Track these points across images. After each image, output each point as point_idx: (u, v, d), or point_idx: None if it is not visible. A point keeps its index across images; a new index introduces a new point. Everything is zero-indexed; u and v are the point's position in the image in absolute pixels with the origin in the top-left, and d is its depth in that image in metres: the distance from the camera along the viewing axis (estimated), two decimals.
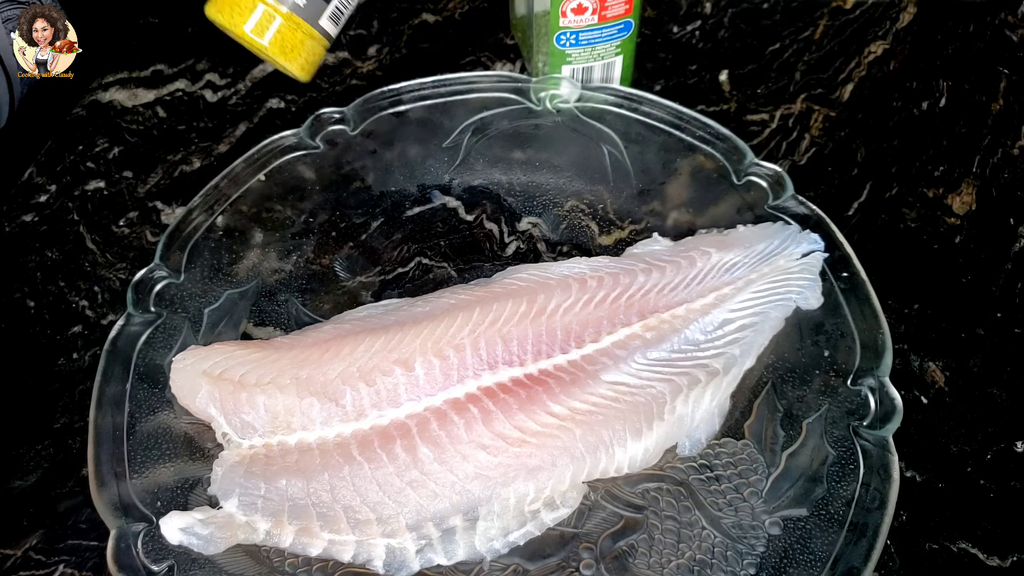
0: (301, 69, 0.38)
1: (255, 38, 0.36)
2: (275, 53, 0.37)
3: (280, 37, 0.37)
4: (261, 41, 0.36)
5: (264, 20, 0.36)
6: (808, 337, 0.39)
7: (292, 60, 0.38)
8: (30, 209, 0.47)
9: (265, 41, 0.36)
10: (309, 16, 0.37)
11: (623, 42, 0.46)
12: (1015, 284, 0.43)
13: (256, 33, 0.36)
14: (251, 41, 0.36)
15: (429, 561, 0.33)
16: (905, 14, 0.55)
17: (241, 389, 0.35)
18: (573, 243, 0.43)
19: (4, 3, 0.44)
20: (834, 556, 0.32)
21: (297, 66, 0.38)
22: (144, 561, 0.32)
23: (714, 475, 0.35)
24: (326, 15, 0.37)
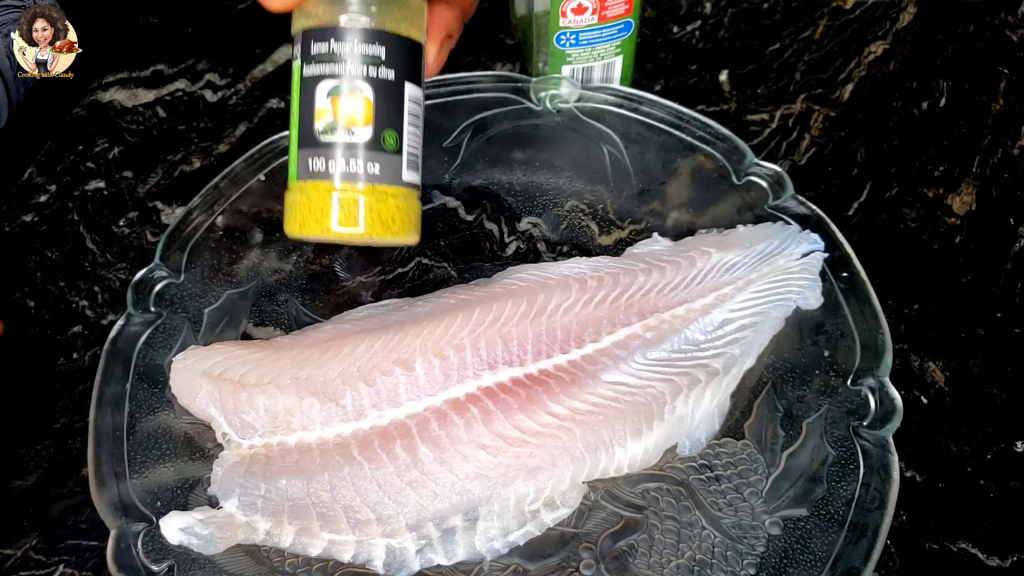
0: (410, 235, 0.32)
1: (348, 231, 0.30)
2: (377, 235, 0.30)
3: (373, 216, 0.30)
4: (356, 231, 0.30)
5: (347, 208, 0.30)
6: (808, 337, 0.39)
7: (398, 232, 0.31)
8: (30, 209, 0.47)
9: (361, 228, 0.30)
10: (390, 178, 0.30)
11: (623, 42, 0.46)
12: (1015, 284, 0.43)
13: (347, 225, 0.30)
14: (348, 236, 0.30)
15: (429, 561, 0.33)
16: (905, 14, 0.55)
17: (241, 389, 0.35)
18: (573, 243, 0.43)
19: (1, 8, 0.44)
20: (834, 556, 0.32)
21: (406, 234, 0.31)
22: (144, 561, 0.32)
23: (714, 475, 0.35)
24: (404, 167, 0.31)
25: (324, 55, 0.30)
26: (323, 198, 0.30)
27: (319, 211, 0.30)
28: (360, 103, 0.30)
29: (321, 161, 0.30)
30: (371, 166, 0.30)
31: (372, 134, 0.30)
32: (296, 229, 0.31)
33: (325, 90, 0.30)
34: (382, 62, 0.30)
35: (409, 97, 0.31)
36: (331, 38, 0.30)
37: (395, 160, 0.30)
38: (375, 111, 0.30)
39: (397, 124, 0.30)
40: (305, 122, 0.30)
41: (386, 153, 0.30)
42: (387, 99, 0.30)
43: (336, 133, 0.30)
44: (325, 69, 0.30)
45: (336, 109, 0.30)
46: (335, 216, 0.30)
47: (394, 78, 0.30)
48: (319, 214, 0.30)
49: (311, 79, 0.30)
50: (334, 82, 0.30)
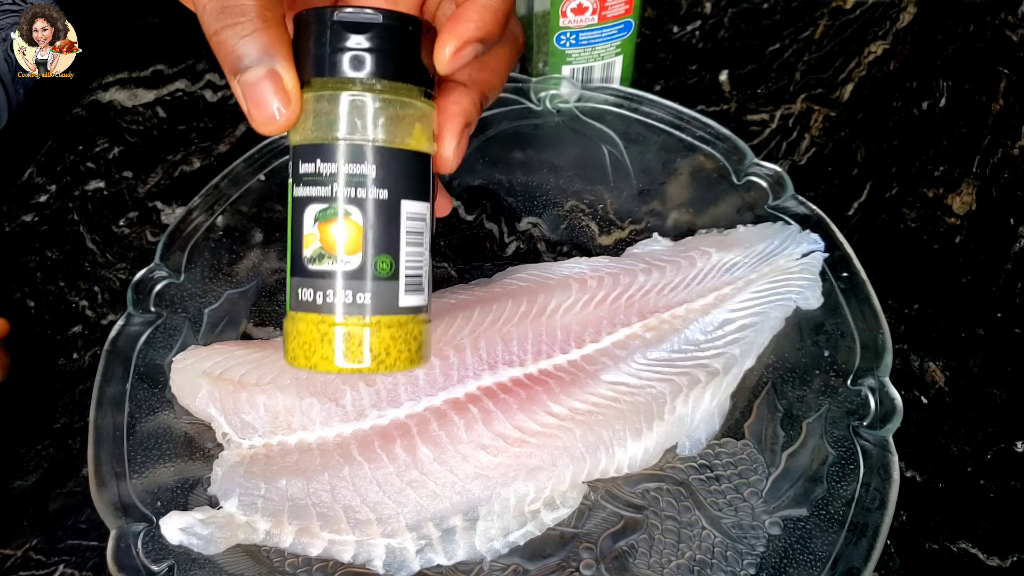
0: (411, 364, 0.28)
1: (353, 366, 0.27)
2: (369, 370, 0.28)
3: (379, 350, 0.27)
4: (361, 366, 0.27)
5: (352, 342, 0.27)
6: (808, 337, 0.39)
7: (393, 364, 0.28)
8: (30, 209, 0.47)
9: (366, 363, 0.27)
10: (384, 307, 0.27)
11: (623, 42, 0.46)
12: (1015, 284, 0.43)
13: (352, 360, 0.27)
14: (353, 371, 0.28)
15: (429, 561, 0.33)
16: (905, 14, 0.55)
17: (241, 389, 0.35)
18: (573, 243, 0.43)
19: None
20: (834, 556, 0.32)
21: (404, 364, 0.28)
22: (144, 561, 0.32)
23: (714, 475, 0.35)
24: (402, 292, 0.28)
25: (311, 175, 0.27)
26: (311, 331, 0.27)
27: (308, 345, 0.27)
28: (347, 229, 0.26)
29: (309, 292, 0.27)
30: (360, 296, 0.27)
31: (360, 262, 0.27)
32: (289, 360, 0.28)
33: (312, 214, 0.27)
34: (373, 181, 0.26)
35: (408, 215, 0.27)
36: (317, 157, 0.26)
37: (390, 287, 0.27)
38: (364, 237, 0.26)
39: (392, 248, 0.27)
40: (296, 248, 0.27)
41: (379, 280, 0.27)
42: (380, 221, 0.27)
43: (324, 261, 0.27)
44: (312, 191, 0.27)
45: (324, 235, 0.27)
46: (339, 352, 0.27)
47: (387, 197, 0.27)
48: (307, 348, 0.27)
49: (301, 201, 0.27)
50: (321, 206, 0.26)
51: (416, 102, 0.27)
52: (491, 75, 0.30)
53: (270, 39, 0.25)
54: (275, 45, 0.25)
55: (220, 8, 0.25)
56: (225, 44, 0.25)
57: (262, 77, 0.25)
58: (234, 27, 0.25)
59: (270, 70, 0.25)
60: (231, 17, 0.25)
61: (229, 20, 0.25)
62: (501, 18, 0.27)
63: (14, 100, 0.46)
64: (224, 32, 0.25)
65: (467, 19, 0.27)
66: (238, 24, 0.25)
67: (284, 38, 0.26)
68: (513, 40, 0.31)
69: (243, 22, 0.25)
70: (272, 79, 0.25)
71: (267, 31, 0.25)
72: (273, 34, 0.25)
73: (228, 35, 0.25)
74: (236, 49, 0.25)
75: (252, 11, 0.25)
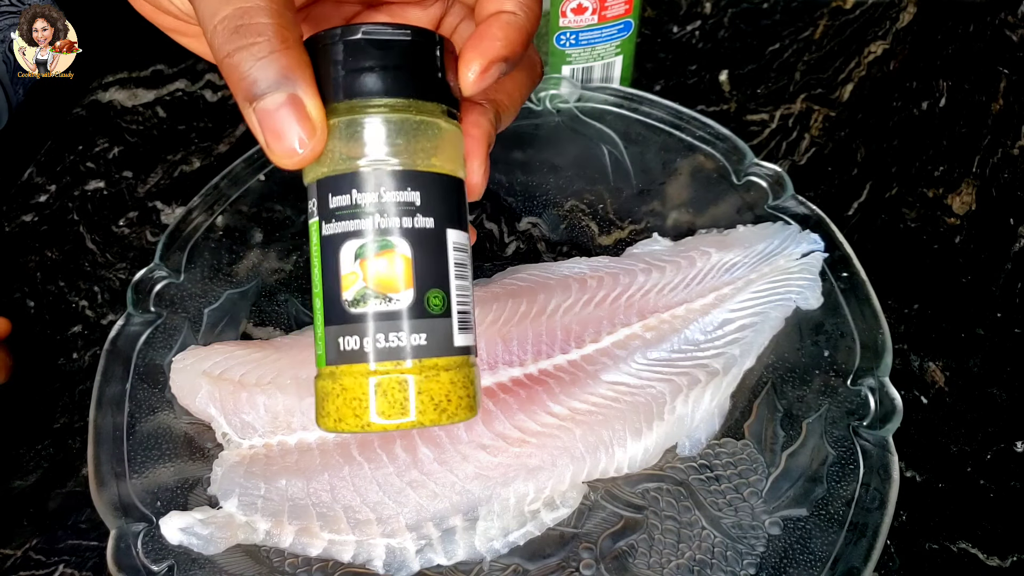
0: (469, 412, 0.25)
1: (395, 422, 0.24)
2: (431, 420, 0.24)
3: (424, 399, 0.24)
4: (405, 419, 0.24)
5: (391, 394, 0.24)
6: (808, 337, 0.39)
7: (455, 413, 0.24)
8: (30, 209, 0.47)
9: (411, 416, 0.24)
10: (440, 347, 0.24)
11: (623, 42, 0.46)
12: (1015, 284, 0.43)
13: (392, 416, 0.24)
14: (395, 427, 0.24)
15: (429, 561, 0.33)
16: (905, 14, 0.55)
17: (241, 389, 0.35)
18: (573, 243, 0.43)
19: None
20: (834, 556, 0.32)
21: (464, 413, 0.25)
22: (144, 561, 0.32)
23: (714, 475, 0.35)
24: (456, 331, 0.25)
25: (346, 209, 0.24)
26: (360, 384, 0.24)
27: (357, 401, 0.24)
28: (396, 263, 0.24)
29: (354, 339, 0.24)
30: (416, 337, 0.24)
31: (414, 297, 0.24)
32: (331, 424, 0.24)
33: (352, 251, 0.24)
34: (418, 209, 0.24)
35: (454, 245, 0.25)
36: (352, 188, 0.24)
37: (444, 324, 0.24)
38: (415, 270, 0.24)
39: (442, 281, 0.24)
40: (331, 292, 0.24)
41: (433, 318, 0.24)
42: (428, 252, 0.24)
43: (369, 302, 0.24)
44: (349, 226, 0.24)
45: (367, 273, 0.24)
46: (374, 407, 0.24)
47: (434, 225, 0.24)
48: (357, 405, 0.24)
49: (333, 239, 0.24)
50: (361, 241, 0.24)
51: (451, 124, 0.25)
52: (507, 98, 0.28)
53: (289, 61, 0.22)
54: (295, 68, 0.23)
55: (233, 28, 0.22)
56: (239, 68, 0.22)
57: (281, 104, 0.22)
58: (249, 48, 0.22)
59: (290, 95, 0.22)
60: (245, 37, 0.22)
61: (243, 41, 0.22)
62: (526, 36, 0.25)
63: (14, 101, 0.46)
64: (238, 54, 0.22)
65: (492, 36, 0.25)
66: (253, 45, 0.22)
67: (304, 60, 0.23)
68: (531, 66, 0.29)
69: (259, 43, 0.22)
70: (293, 105, 0.22)
71: (286, 52, 0.22)
72: (293, 56, 0.23)
73: (242, 57, 0.22)
74: (251, 73, 0.22)
75: (269, 30, 0.22)
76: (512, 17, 0.25)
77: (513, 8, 0.25)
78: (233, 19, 0.22)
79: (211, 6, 0.23)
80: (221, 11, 0.22)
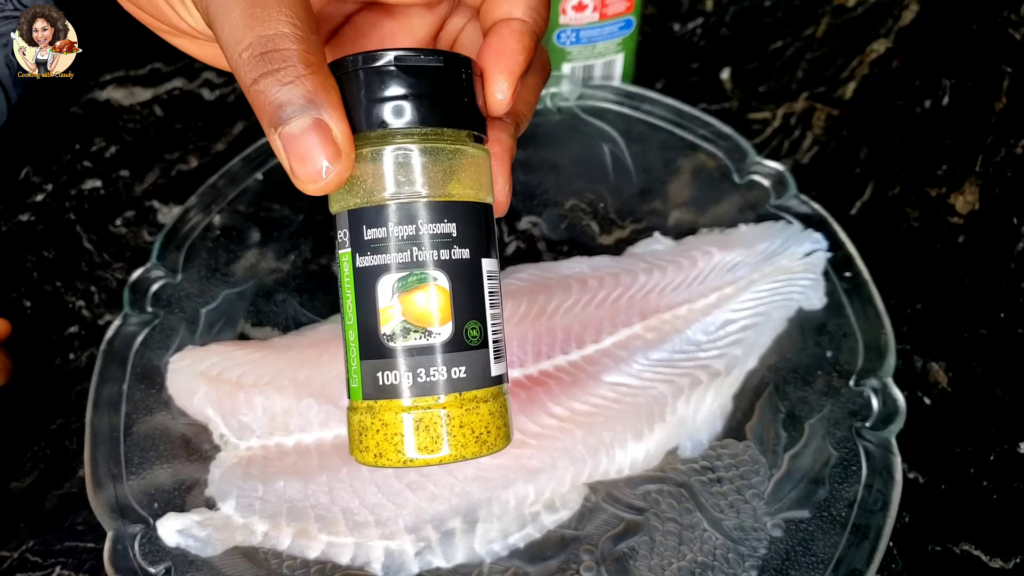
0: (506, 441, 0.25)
1: (437, 456, 0.24)
2: (472, 454, 0.24)
3: (465, 432, 0.24)
4: (443, 454, 0.24)
5: (431, 429, 0.23)
6: (810, 337, 0.38)
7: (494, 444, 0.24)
8: (27, 208, 0.47)
9: (447, 450, 0.24)
10: (478, 380, 0.24)
11: (624, 40, 0.46)
12: (1018, 284, 0.42)
13: (434, 451, 0.23)
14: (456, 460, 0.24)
15: (428, 564, 0.33)
16: (908, 12, 0.54)
17: (239, 390, 0.35)
18: (573, 242, 0.43)
19: None
20: (836, 558, 0.32)
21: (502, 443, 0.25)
22: (141, 563, 0.32)
23: (716, 477, 0.35)
24: (492, 361, 0.25)
25: (382, 242, 0.23)
26: (400, 420, 0.24)
27: (397, 436, 0.24)
28: (434, 296, 0.23)
29: (393, 374, 0.23)
30: (456, 371, 0.24)
31: (453, 331, 0.23)
32: (370, 459, 0.24)
33: (389, 285, 0.23)
34: (454, 240, 0.23)
35: (487, 274, 0.24)
36: (388, 220, 0.23)
37: (482, 356, 0.24)
38: (453, 302, 0.23)
39: (479, 312, 0.24)
40: (367, 326, 0.24)
41: (471, 350, 0.24)
42: (465, 284, 0.24)
43: (411, 336, 0.23)
44: (386, 259, 0.23)
45: (408, 306, 0.23)
46: (410, 442, 0.23)
47: (470, 256, 0.24)
48: (398, 440, 0.24)
49: (368, 272, 0.24)
50: (398, 274, 0.23)
51: (479, 149, 0.25)
52: (524, 106, 0.27)
53: (315, 85, 0.22)
54: (321, 92, 0.22)
55: (259, 55, 0.22)
56: (264, 94, 0.22)
57: (307, 128, 0.22)
58: (275, 74, 0.22)
59: (315, 120, 0.22)
60: (271, 63, 0.22)
61: (269, 67, 0.22)
62: (538, 42, 0.25)
63: (13, 98, 0.46)
64: (263, 80, 0.22)
65: (510, 51, 0.24)
66: (279, 71, 0.22)
67: (331, 84, 0.23)
68: (542, 67, 0.28)
69: (285, 68, 0.22)
70: (318, 130, 0.22)
71: (312, 77, 0.22)
72: (318, 80, 0.22)
73: (268, 83, 0.22)
74: (277, 98, 0.22)
75: (295, 56, 0.22)
76: (523, 25, 0.25)
77: (523, 15, 0.25)
78: (257, 46, 0.22)
79: (235, 33, 0.22)
80: (245, 39, 0.22)
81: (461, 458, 0.24)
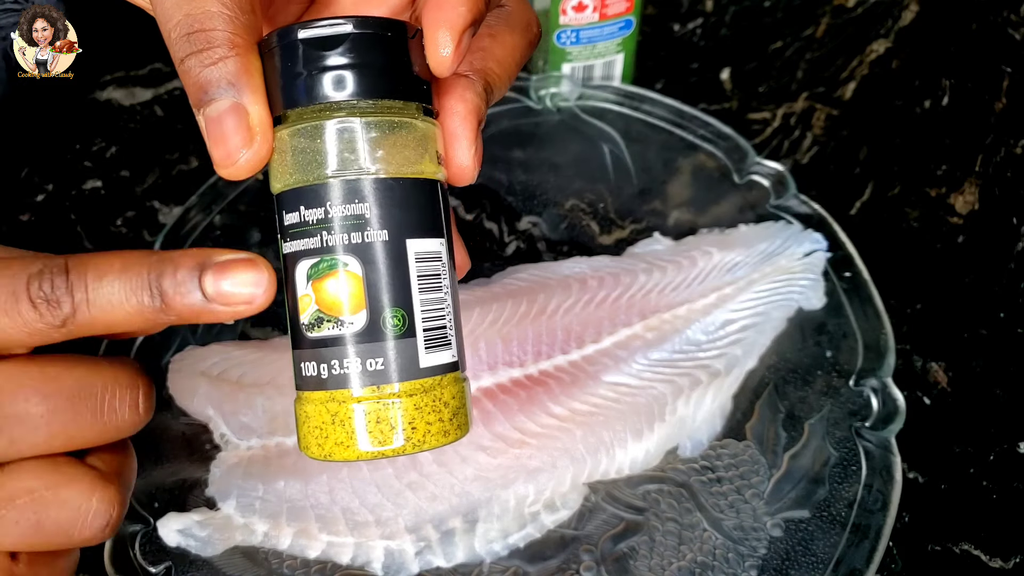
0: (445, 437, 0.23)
1: (375, 449, 0.22)
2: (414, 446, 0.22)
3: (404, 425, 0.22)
4: (384, 448, 0.22)
5: (341, 424, 0.22)
6: (810, 337, 0.38)
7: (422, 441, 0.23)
8: (27, 208, 0.47)
9: (392, 444, 0.22)
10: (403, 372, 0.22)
11: (624, 40, 0.46)
12: (1018, 284, 0.42)
13: (373, 443, 0.22)
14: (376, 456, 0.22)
15: (428, 563, 0.33)
16: (907, 12, 0.54)
17: (239, 390, 0.35)
18: (573, 243, 0.43)
19: None
20: (836, 558, 0.32)
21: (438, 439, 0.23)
22: (141, 562, 0.32)
23: (716, 476, 0.35)
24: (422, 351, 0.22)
25: (297, 226, 0.22)
26: (320, 413, 0.22)
27: (319, 430, 0.22)
28: (345, 283, 0.22)
29: (312, 365, 0.23)
30: (372, 363, 0.22)
31: (367, 321, 0.22)
32: (303, 448, 0.23)
33: (304, 272, 0.22)
34: (367, 222, 0.22)
35: (417, 257, 0.22)
36: (301, 204, 0.22)
37: (407, 346, 0.22)
38: (367, 289, 0.22)
39: (403, 299, 0.22)
40: (293, 316, 0.23)
41: (393, 340, 0.22)
42: (384, 269, 0.22)
43: (324, 327, 0.22)
44: (300, 244, 0.22)
45: (319, 294, 0.22)
46: (363, 435, 0.22)
47: (388, 238, 0.22)
48: (319, 433, 0.22)
49: (290, 258, 0.23)
50: (311, 260, 0.22)
51: (415, 121, 0.23)
52: (497, 65, 0.25)
53: (237, 68, 0.22)
54: (242, 75, 0.22)
55: (186, 34, 0.22)
56: (189, 74, 0.22)
57: (225, 111, 0.22)
58: (199, 55, 0.22)
59: (234, 104, 0.22)
60: (196, 44, 0.22)
61: (195, 47, 0.22)
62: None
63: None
64: (189, 60, 0.22)
65: (451, 3, 0.22)
66: (203, 51, 0.22)
67: (254, 66, 0.22)
68: (524, 27, 0.26)
69: (210, 48, 0.22)
70: (236, 113, 0.22)
71: (236, 59, 0.22)
72: (242, 62, 0.22)
73: (191, 63, 0.22)
74: (199, 79, 0.22)
75: (221, 37, 0.22)
76: None
77: None
78: (185, 25, 0.22)
79: (167, 10, 0.22)
80: (175, 16, 0.22)
81: (381, 455, 0.23)
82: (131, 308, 0.22)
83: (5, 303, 0.22)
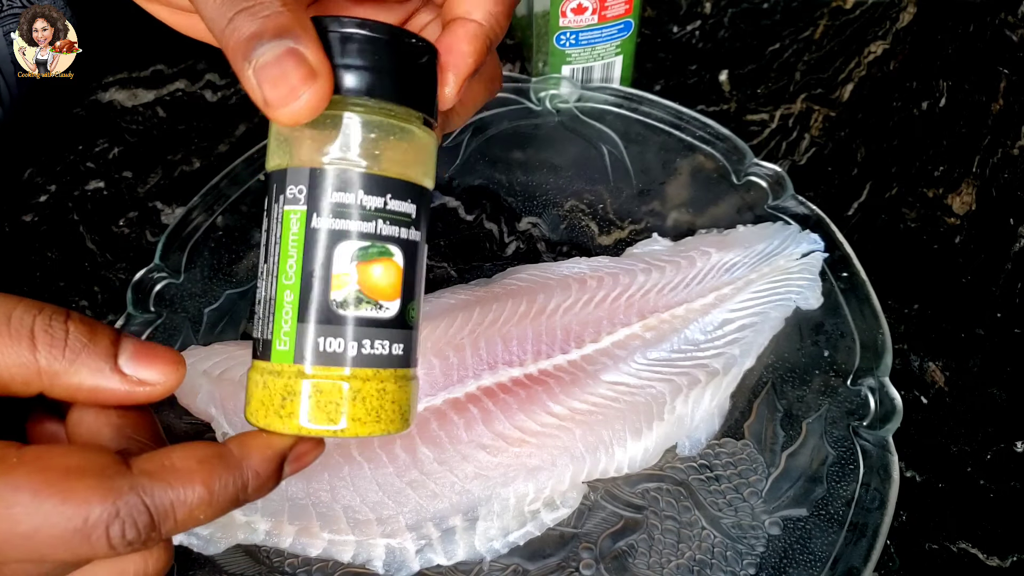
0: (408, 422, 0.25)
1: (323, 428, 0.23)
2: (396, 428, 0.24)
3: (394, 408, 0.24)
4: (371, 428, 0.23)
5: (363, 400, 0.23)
6: (808, 337, 0.39)
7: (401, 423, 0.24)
8: (30, 209, 0.47)
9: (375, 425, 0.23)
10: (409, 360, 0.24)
11: (623, 42, 0.46)
12: (1015, 284, 0.43)
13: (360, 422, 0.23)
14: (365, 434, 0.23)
15: (429, 561, 0.33)
16: (905, 14, 0.55)
17: (241, 389, 0.35)
18: (573, 243, 0.43)
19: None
20: (834, 556, 0.32)
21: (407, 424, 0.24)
22: None
23: (714, 475, 0.35)
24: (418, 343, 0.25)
25: (348, 208, 0.23)
26: (336, 389, 0.23)
27: (333, 404, 0.23)
28: (392, 272, 0.23)
29: (339, 341, 0.23)
30: (396, 347, 0.24)
31: (399, 309, 0.23)
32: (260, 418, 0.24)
33: (349, 252, 0.23)
34: (412, 222, 0.24)
35: (425, 261, 0.25)
36: (359, 188, 0.23)
37: (413, 338, 0.24)
38: (403, 281, 0.24)
39: (417, 294, 0.24)
40: (314, 288, 0.23)
41: (408, 330, 0.24)
42: (413, 266, 0.24)
43: (361, 306, 0.23)
44: (350, 226, 0.23)
45: (364, 277, 0.23)
46: (306, 410, 0.23)
47: (419, 240, 0.24)
48: (332, 408, 0.23)
49: (327, 234, 0.23)
50: (362, 243, 0.23)
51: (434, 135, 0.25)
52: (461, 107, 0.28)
53: (290, 21, 0.21)
54: (297, 25, 0.21)
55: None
56: (239, 30, 0.21)
57: (281, 55, 0.21)
58: (250, 9, 0.21)
59: (289, 48, 0.21)
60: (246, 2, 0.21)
61: (243, 4, 0.21)
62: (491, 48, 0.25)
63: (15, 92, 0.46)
64: (239, 17, 0.21)
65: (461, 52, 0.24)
66: (255, 6, 0.21)
67: (309, 23, 0.21)
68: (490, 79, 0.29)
69: (260, 4, 0.21)
70: (293, 56, 0.21)
71: (288, 14, 0.21)
72: (295, 16, 0.21)
73: (242, 19, 0.21)
74: (251, 30, 0.21)
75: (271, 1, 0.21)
76: (479, 28, 0.25)
77: (481, 19, 0.25)
78: None
79: None
80: None
81: (388, 430, 0.24)
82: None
83: (79, 546, 0.20)
